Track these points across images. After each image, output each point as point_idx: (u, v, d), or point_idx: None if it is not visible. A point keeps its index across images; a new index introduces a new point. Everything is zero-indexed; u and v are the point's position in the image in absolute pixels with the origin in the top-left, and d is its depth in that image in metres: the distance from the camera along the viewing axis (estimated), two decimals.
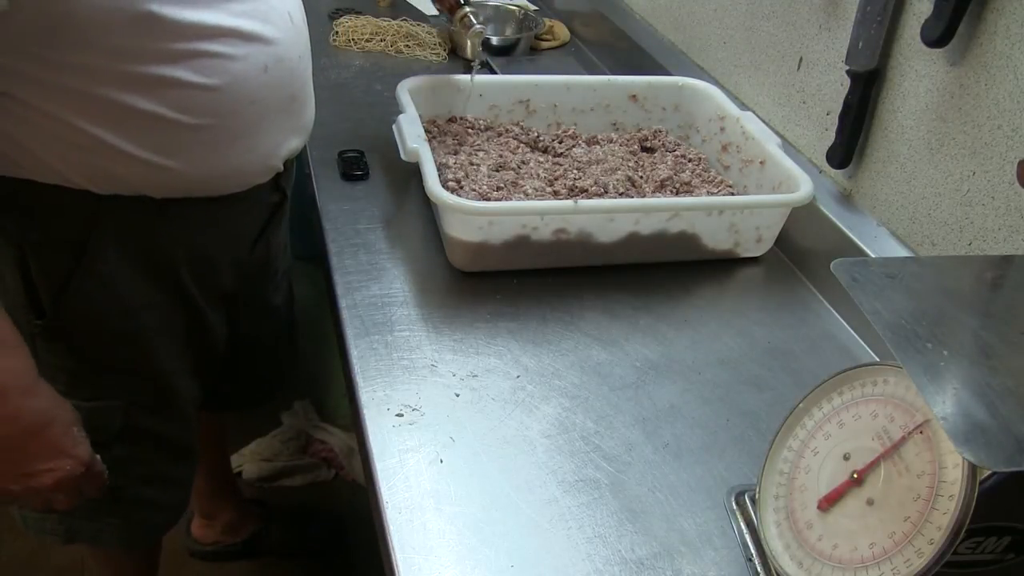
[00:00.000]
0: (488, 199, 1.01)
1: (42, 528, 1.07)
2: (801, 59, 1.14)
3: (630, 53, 1.54)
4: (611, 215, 0.98)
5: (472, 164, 1.08)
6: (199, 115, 0.84)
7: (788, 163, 1.07)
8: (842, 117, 1.03)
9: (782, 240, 1.10)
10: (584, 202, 0.98)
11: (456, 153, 1.12)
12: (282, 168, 0.99)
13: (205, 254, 0.97)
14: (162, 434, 1.05)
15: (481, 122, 1.21)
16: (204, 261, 0.98)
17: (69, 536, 1.08)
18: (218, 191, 0.92)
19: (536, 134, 1.21)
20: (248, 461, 1.81)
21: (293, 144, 0.98)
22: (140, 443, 1.03)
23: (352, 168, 1.15)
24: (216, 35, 0.82)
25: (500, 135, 1.19)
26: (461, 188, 1.02)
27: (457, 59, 1.57)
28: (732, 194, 1.13)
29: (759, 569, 0.70)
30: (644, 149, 1.23)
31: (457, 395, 0.83)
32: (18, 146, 0.82)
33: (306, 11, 0.98)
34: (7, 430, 0.83)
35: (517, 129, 1.21)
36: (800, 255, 1.11)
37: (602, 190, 1.06)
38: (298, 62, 0.94)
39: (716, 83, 1.30)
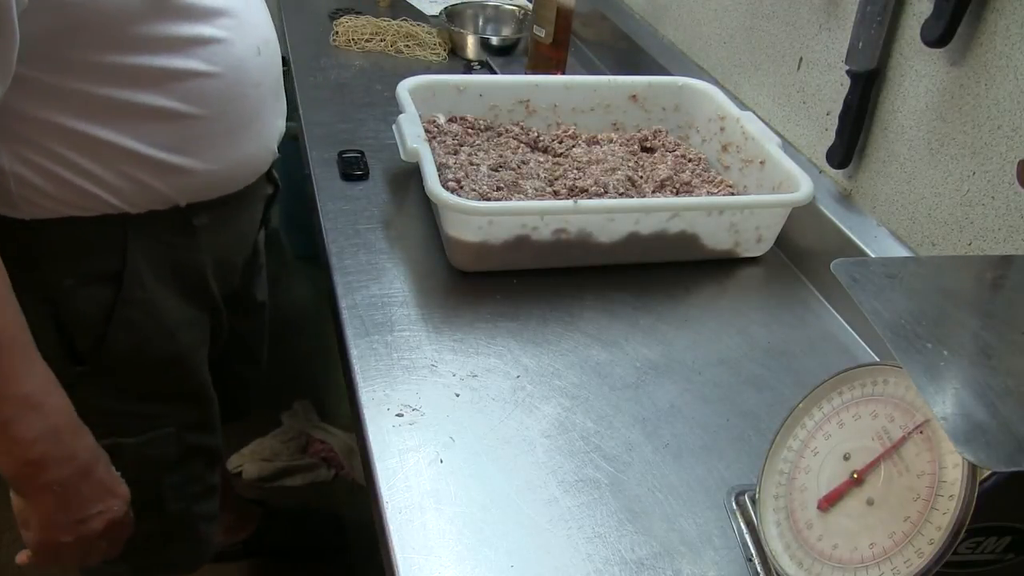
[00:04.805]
0: (488, 199, 1.01)
1: None
2: (801, 59, 1.14)
3: (630, 53, 1.54)
4: (611, 215, 0.98)
5: (472, 164, 1.08)
6: (208, 105, 0.84)
7: (788, 163, 1.07)
8: (842, 117, 1.03)
9: (782, 240, 1.10)
10: (584, 202, 0.98)
11: (456, 153, 1.12)
12: (277, 153, 1.01)
13: (224, 258, 0.98)
14: (208, 447, 1.04)
15: (481, 122, 1.21)
16: (224, 265, 0.98)
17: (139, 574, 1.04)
18: (233, 186, 0.93)
19: (536, 134, 1.21)
20: (248, 461, 1.81)
21: (281, 125, 1.00)
22: (194, 463, 1.02)
23: (352, 168, 1.15)
24: (213, 15, 0.82)
25: (500, 135, 1.19)
26: (461, 188, 1.02)
27: (457, 59, 1.57)
28: (732, 194, 1.13)
29: (759, 569, 0.70)
30: (644, 149, 1.23)
31: (457, 395, 0.83)
32: (53, 180, 0.81)
33: (306, 11, 0.99)
34: (65, 472, 0.80)
35: (517, 129, 1.21)
36: (800, 255, 1.11)
37: (602, 190, 1.06)
38: (277, 44, 0.95)
39: (716, 83, 1.30)
